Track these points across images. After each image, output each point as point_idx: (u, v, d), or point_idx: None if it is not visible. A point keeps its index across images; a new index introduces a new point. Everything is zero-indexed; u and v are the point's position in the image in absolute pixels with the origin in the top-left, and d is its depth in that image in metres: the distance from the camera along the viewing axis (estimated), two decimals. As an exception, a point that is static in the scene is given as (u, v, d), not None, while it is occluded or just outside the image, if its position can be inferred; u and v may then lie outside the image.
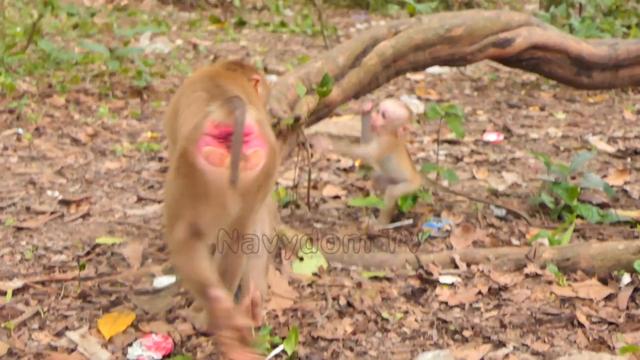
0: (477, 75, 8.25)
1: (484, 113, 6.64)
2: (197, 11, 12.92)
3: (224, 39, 10.45)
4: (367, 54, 3.98)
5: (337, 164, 5.11)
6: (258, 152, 2.34)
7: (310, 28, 11.05)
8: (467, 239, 3.83)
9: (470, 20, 4.09)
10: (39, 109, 6.16)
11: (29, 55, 7.51)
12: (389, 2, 13.48)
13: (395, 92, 7.39)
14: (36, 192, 4.39)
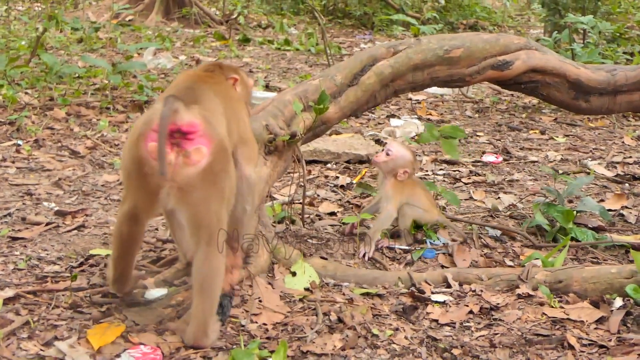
0: (479, 97, 8.29)
1: (485, 135, 6.67)
2: (202, 28, 13.01)
3: (227, 55, 10.51)
4: (365, 73, 4.01)
5: (335, 181, 5.14)
6: (200, 150, 2.52)
7: (314, 47, 11.12)
8: (461, 258, 3.85)
9: (470, 42, 4.13)
10: (40, 122, 6.20)
11: (32, 68, 7.56)
12: (393, 23, 13.55)
13: (397, 112, 7.43)
14: (32, 203, 4.42)
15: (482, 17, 15.47)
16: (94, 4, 14.64)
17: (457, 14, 14.83)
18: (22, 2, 14.97)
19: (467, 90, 8.21)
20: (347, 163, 5.57)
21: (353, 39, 12.91)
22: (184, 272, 3.31)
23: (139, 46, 8.87)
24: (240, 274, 3.13)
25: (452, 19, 14.54)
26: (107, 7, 13.23)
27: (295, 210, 4.18)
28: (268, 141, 3.68)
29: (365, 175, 5.33)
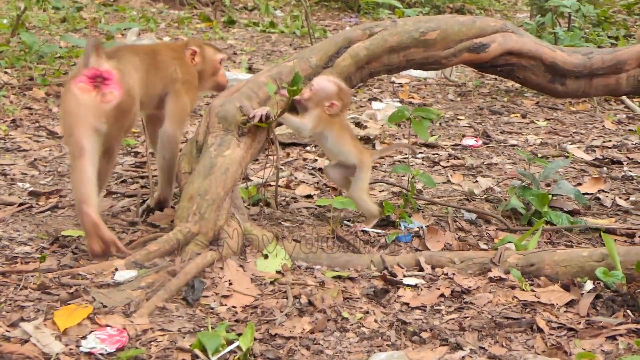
0: (462, 80, 8.26)
1: (466, 118, 6.65)
2: (187, 9, 12.90)
3: (211, 37, 10.43)
4: (340, 55, 3.98)
5: (313, 164, 5.12)
6: (113, 93, 3.48)
7: (299, 29, 11.05)
8: (435, 241, 3.84)
9: (445, 25, 4.10)
10: (18, 101, 6.15)
11: (12, 47, 7.49)
12: (380, 6, 13.48)
13: (379, 95, 7.40)
14: (7, 183, 4.38)
15: (468, 1, 15.40)
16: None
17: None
18: (5, -20, 14.81)
19: (450, 74, 8.18)
20: (325, 145, 5.54)
21: (339, 22, 12.84)
22: (154, 254, 3.29)
23: (122, 26, 8.80)
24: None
25: (439, 3, 14.45)
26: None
27: (271, 192, 4.16)
28: (242, 123, 3.66)
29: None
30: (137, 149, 5.26)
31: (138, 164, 4.92)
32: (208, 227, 3.39)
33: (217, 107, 3.73)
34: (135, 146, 5.33)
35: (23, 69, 6.95)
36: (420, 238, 3.86)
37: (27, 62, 7.02)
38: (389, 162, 5.27)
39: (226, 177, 3.51)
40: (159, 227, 3.70)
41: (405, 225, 3.97)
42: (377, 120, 6.33)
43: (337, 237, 3.80)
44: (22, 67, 6.98)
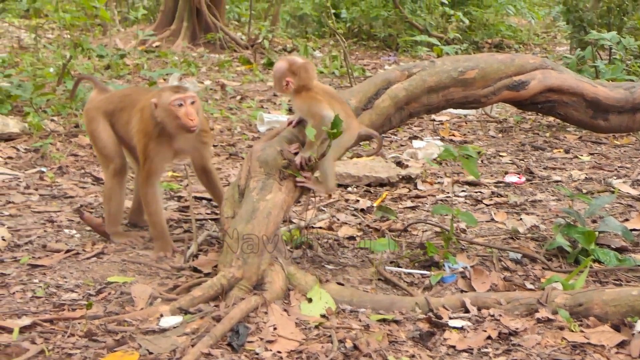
0: (503, 116, 8.23)
1: (508, 155, 6.61)
2: (227, 52, 13.08)
3: (252, 79, 10.56)
4: (379, 96, 4.00)
5: (355, 204, 5.11)
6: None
7: (337, 69, 11.14)
8: (481, 282, 3.80)
9: (484, 63, 4.09)
10: (64, 149, 6.26)
11: (58, 95, 7.65)
12: (418, 44, 13.54)
13: (419, 133, 7.40)
14: (54, 230, 4.45)
15: (507, 36, 15.42)
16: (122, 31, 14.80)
17: (481, 33, 14.79)
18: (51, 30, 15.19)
19: (490, 110, 8.16)
20: (367, 186, 5.54)
21: (377, 61, 12.93)
22: (199, 300, 3.30)
23: (163, 72, 8.95)
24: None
25: (477, 39, 14.49)
26: (134, 34, 13.37)
27: (313, 235, 4.16)
28: (283, 167, 3.68)
29: (387, 199, 5.30)
30: (180, 194, 5.30)
31: (181, 208, 4.96)
32: (251, 272, 3.40)
33: (258, 151, 3.75)
34: (179, 190, 5.38)
35: (69, 116, 7.09)
36: (465, 278, 3.82)
37: (72, 109, 7.16)
38: (431, 201, 5.24)
39: (268, 221, 3.51)
40: (203, 272, 3.71)
41: (449, 266, 3.93)
42: (419, 158, 6.32)
43: (380, 278, 3.78)
44: (68, 114, 7.12)
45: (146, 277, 3.74)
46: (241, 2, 17.71)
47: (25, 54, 10.65)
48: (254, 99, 8.99)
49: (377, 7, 14.70)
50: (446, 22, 14.30)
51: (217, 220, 4.63)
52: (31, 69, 9.16)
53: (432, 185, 5.65)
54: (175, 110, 3.91)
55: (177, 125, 3.94)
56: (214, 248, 4.08)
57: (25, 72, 8.80)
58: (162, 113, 3.94)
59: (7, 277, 3.72)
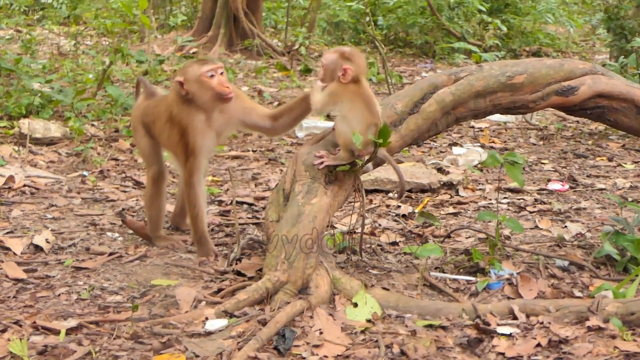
0: (544, 124, 8.14)
1: (550, 162, 6.53)
2: (264, 59, 13.10)
3: (288, 85, 10.56)
4: (426, 101, 3.96)
5: (396, 210, 5.07)
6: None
7: (375, 76, 11.09)
8: (528, 289, 3.74)
9: (533, 68, 4.04)
10: (105, 153, 6.31)
11: (98, 101, 7.72)
12: (455, 51, 13.45)
13: (459, 140, 7.34)
14: (96, 233, 4.46)
15: (545, 44, 15.26)
16: (159, 38, 14.90)
17: (519, 40, 14.65)
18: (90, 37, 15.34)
19: (530, 117, 8.07)
20: (408, 192, 5.50)
21: (414, 68, 12.87)
22: (244, 303, 3.28)
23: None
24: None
25: (515, 46, 14.37)
26: (171, 40, 13.46)
27: (357, 240, 4.12)
28: (328, 170, 3.66)
29: (428, 205, 5.25)
30: (220, 198, 5.30)
31: (222, 212, 4.95)
32: (297, 276, 3.37)
33: (303, 155, 3.73)
34: (219, 195, 5.37)
35: (109, 121, 7.14)
36: (512, 285, 3.76)
37: (112, 114, 7.21)
38: (473, 208, 5.18)
39: (314, 225, 3.49)
40: (247, 275, 3.69)
41: (495, 273, 3.88)
42: (459, 165, 6.27)
43: (426, 284, 3.74)
44: (108, 119, 7.17)
45: (190, 281, 3.73)
46: (278, 9, 17.76)
47: (65, 60, 10.75)
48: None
49: (414, 15, 14.62)
50: (483, 29, 14.21)
51: (259, 224, 4.62)
52: (71, 74, 9.24)
53: (474, 191, 5.59)
54: (208, 81, 3.88)
55: (212, 96, 3.89)
56: (257, 252, 4.06)
57: (66, 77, 8.88)
58: (194, 87, 3.89)
59: (52, 279, 3.74)
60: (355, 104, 3.59)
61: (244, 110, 4.07)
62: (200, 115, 3.93)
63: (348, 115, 3.58)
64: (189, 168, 3.98)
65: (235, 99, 3.98)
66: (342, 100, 3.59)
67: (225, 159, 6.51)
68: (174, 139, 4.02)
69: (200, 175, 4.04)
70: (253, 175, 5.97)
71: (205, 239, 4.06)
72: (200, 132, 3.93)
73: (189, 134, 3.93)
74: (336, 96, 3.61)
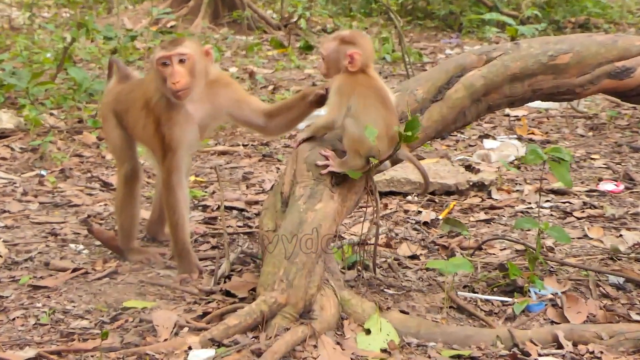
0: (593, 111, 8.15)
1: (601, 157, 6.55)
2: (256, 34, 13.15)
3: (286, 66, 10.59)
4: (452, 86, 3.96)
5: (417, 216, 5.09)
6: None
7: (389, 54, 11.11)
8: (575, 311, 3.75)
9: (580, 46, 4.04)
10: (66, 148, 6.33)
11: (59, 85, 7.75)
12: (486, 24, 13.48)
13: (491, 131, 7.36)
14: (57, 245, 4.49)
15: (594, 14, 15.28)
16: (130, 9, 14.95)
17: (563, 10, 14.67)
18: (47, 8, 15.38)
19: (577, 104, 8.08)
20: (431, 194, 5.52)
21: (437, 44, 12.90)
22: (235, 330, 3.30)
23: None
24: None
25: (558, 17, 14.38)
26: (145, 12, 13.50)
27: (369, 252, 4.14)
28: (336, 170, 3.67)
29: (454, 210, 5.27)
30: (205, 202, 5.32)
31: (208, 219, 4.98)
32: (298, 297, 3.39)
33: (305, 151, 3.74)
34: (204, 198, 5.40)
35: (71, 109, 7.18)
36: (556, 307, 3.78)
37: (75, 101, 7.25)
38: (509, 213, 5.20)
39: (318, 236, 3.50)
40: (237, 296, 3.71)
41: (536, 292, 3.89)
42: (492, 161, 6.28)
43: (452, 306, 3.75)
44: (70, 107, 7.21)
45: (169, 302, 3.75)
46: (273, -27, 17.79)
47: (19, 36, 10.80)
48: (289, 90, 9.02)
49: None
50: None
51: (252, 234, 4.64)
52: (26, 53, 9.29)
53: (510, 193, 5.61)
54: (161, 70, 3.89)
55: (166, 89, 3.91)
56: (250, 268, 4.09)
57: (20, 57, 8.92)
58: (154, 74, 3.97)
59: (5, 300, 3.77)
60: (368, 100, 3.60)
61: (235, 102, 4.08)
62: (178, 110, 3.96)
63: (360, 115, 3.56)
64: (167, 166, 4.00)
65: (226, 87, 3.99)
66: (353, 96, 3.59)
67: (210, 155, 6.53)
68: (149, 130, 4.04)
69: (181, 174, 4.05)
70: (244, 174, 6.00)
71: (187, 252, 4.08)
72: (179, 124, 3.96)
73: (167, 125, 3.95)
74: (347, 91, 3.61)
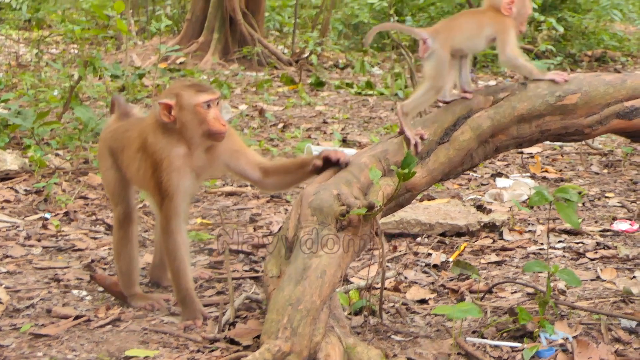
0: (609, 147, 8.17)
1: (615, 196, 6.55)
2: (267, 70, 13.23)
3: (296, 103, 10.65)
4: (458, 127, 3.99)
5: (427, 259, 5.09)
6: None
7: (402, 90, 11.18)
8: (587, 357, 3.74)
9: (588, 86, 4.07)
10: (72, 190, 6.37)
11: (64, 124, 7.81)
12: (500, 58, 13.51)
13: (504, 170, 7.37)
14: (60, 291, 4.51)
15: (611, 47, 15.34)
16: (140, 45, 15.09)
17: (579, 43, 14.74)
18: (55, 44, 15.53)
19: (592, 140, 8.10)
20: (441, 236, 5.52)
21: (450, 79, 12.93)
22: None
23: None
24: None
25: (574, 50, 14.45)
26: (154, 49, 13.61)
27: (377, 297, 4.15)
28: (340, 214, 3.68)
29: (465, 252, 5.27)
30: (211, 245, 5.34)
31: (213, 263, 5.00)
32: (302, 345, 3.39)
33: (309, 195, 3.77)
34: (210, 241, 5.42)
35: (77, 150, 7.22)
36: (567, 353, 3.77)
37: (81, 141, 7.29)
38: (521, 255, 5.20)
39: (323, 282, 3.51)
40: (242, 344, 3.72)
41: (546, 337, 3.89)
42: (504, 201, 6.29)
43: (461, 353, 3.75)
44: (75, 148, 7.25)
45: (172, 350, 3.76)
46: (284, 9, 17.92)
47: (25, 74, 10.91)
48: (299, 127, 9.07)
49: (450, 13, 14.75)
50: (535, 30, 14.30)
51: (258, 278, 4.66)
52: (32, 92, 9.38)
53: (522, 234, 5.61)
54: (204, 112, 3.94)
55: (203, 131, 3.96)
56: (255, 314, 4.10)
57: (26, 96, 9.01)
58: (185, 116, 3.96)
59: (5, 349, 3.78)
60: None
61: (232, 153, 4.12)
62: (180, 149, 3.99)
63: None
64: (165, 212, 4.03)
65: (226, 137, 4.03)
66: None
67: (218, 196, 6.56)
68: (145, 173, 4.07)
69: (180, 220, 4.08)
70: (251, 216, 6.01)
71: (191, 298, 4.09)
72: (177, 170, 3.98)
73: (164, 170, 3.98)
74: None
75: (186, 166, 4.00)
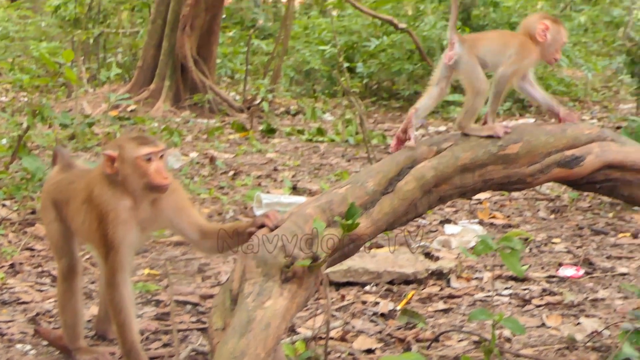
0: (556, 193, 8.26)
1: (562, 241, 6.62)
2: (218, 117, 13.25)
3: (247, 150, 10.67)
4: (402, 177, 4.02)
5: (374, 307, 5.11)
6: None
7: (352, 136, 11.25)
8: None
9: (529, 135, 4.13)
10: (18, 241, 6.31)
11: (12, 174, 7.75)
12: (451, 104, 13.67)
13: (452, 216, 7.43)
14: (3, 345, 4.45)
15: (559, 92, 15.54)
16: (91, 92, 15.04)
17: (528, 88, 14.90)
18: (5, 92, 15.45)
19: (540, 186, 8.18)
20: (389, 284, 5.54)
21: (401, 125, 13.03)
22: None
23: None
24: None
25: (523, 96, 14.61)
26: (105, 96, 13.58)
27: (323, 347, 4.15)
28: (285, 266, 3.69)
29: (413, 300, 5.29)
30: (158, 296, 5.31)
31: (160, 315, 4.97)
32: (246, 399, 3.38)
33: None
34: (157, 293, 5.39)
35: (24, 200, 7.16)
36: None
37: (28, 192, 7.24)
38: (468, 302, 5.23)
39: (267, 335, 3.50)
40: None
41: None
42: (452, 248, 6.33)
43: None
44: (23, 198, 7.20)
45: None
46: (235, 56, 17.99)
47: (-28, 123, 10.82)
48: (249, 175, 9.08)
49: (400, 60, 14.91)
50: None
51: (206, 330, 4.63)
52: (-20, 141, 9.30)
53: (469, 281, 5.65)
54: (144, 166, 3.93)
55: (144, 184, 3.94)
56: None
57: (-28, 145, 8.94)
58: (126, 168, 3.95)
59: (-55, 406, 3.72)
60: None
61: (176, 210, 4.10)
62: (126, 202, 3.97)
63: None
64: (110, 265, 4.01)
65: (171, 193, 4.03)
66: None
67: (166, 245, 6.53)
68: (90, 226, 4.04)
69: (125, 273, 4.05)
70: (200, 266, 5.99)
71: (137, 352, 4.06)
72: (123, 223, 3.97)
73: (110, 222, 3.96)
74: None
75: (132, 219, 3.99)
